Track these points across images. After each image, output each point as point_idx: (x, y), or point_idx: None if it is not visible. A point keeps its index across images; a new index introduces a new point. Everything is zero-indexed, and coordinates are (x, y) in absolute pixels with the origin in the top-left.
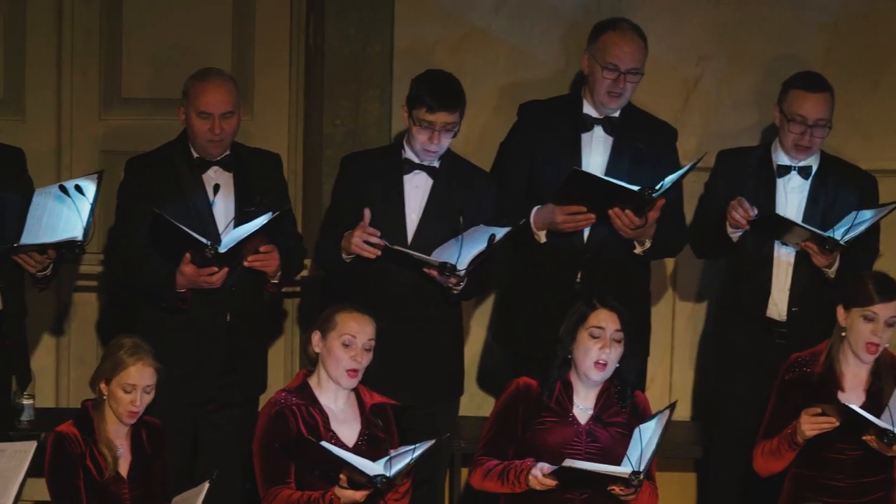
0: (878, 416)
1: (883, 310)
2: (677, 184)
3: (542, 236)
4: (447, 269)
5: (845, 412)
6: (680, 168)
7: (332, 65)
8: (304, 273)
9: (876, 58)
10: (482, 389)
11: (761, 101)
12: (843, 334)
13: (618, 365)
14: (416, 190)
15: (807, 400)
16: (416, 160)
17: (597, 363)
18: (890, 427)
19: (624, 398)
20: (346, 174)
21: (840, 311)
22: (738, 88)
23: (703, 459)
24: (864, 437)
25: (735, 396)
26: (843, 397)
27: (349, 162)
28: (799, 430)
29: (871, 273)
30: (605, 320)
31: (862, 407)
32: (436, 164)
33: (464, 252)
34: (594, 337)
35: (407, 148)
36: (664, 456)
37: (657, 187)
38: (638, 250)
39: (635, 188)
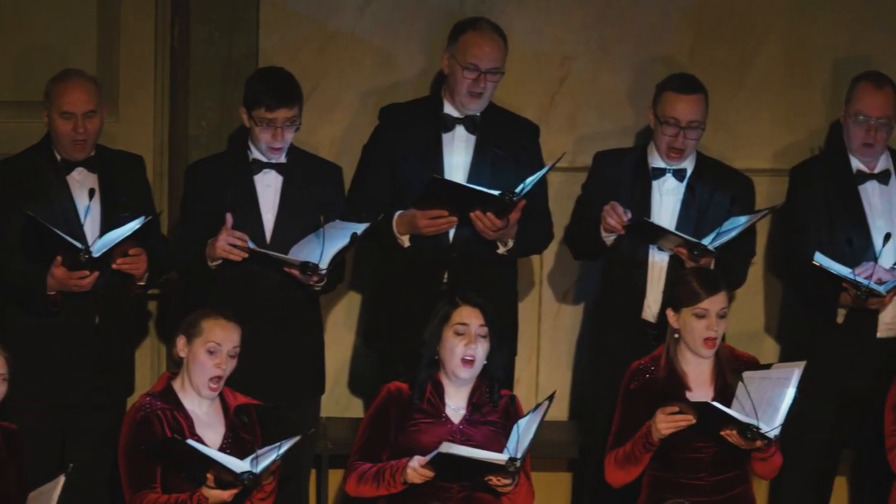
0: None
1: (712, 304)
2: (540, 182)
3: (405, 241)
4: (309, 268)
5: (703, 409)
6: (542, 166)
7: (196, 67)
8: (169, 275)
9: (740, 57)
10: (350, 391)
11: (631, 101)
12: (677, 336)
13: (486, 362)
14: (268, 189)
15: (654, 405)
16: (264, 159)
17: (463, 360)
18: (753, 421)
19: (493, 395)
20: (195, 183)
21: (670, 313)
22: (604, 88)
23: (578, 459)
24: (722, 433)
25: (610, 397)
26: (691, 396)
27: (196, 170)
28: (654, 430)
29: (692, 270)
30: (469, 316)
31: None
32: (283, 160)
33: (326, 250)
34: (459, 334)
35: (253, 148)
36: (540, 456)
37: (517, 190)
38: (501, 250)
39: (496, 193)
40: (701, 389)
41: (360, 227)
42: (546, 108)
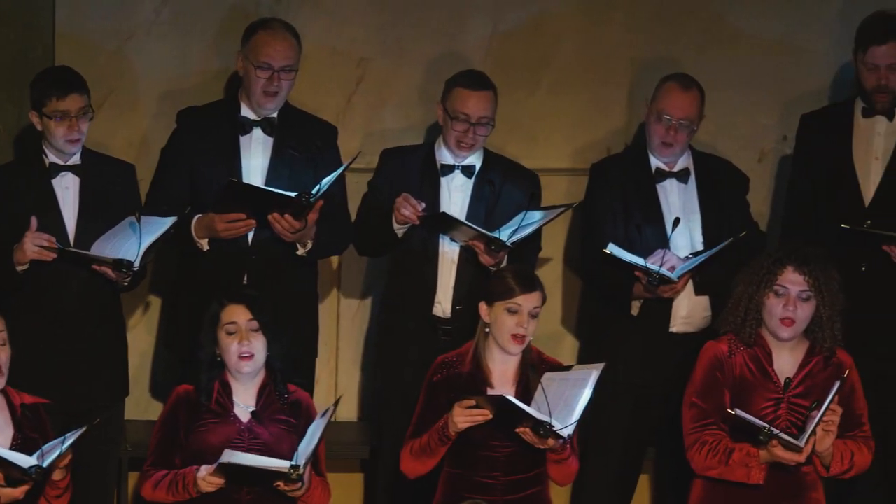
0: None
1: (526, 301)
2: (339, 182)
3: (204, 244)
4: (123, 265)
5: (499, 403)
6: (340, 166)
7: None
8: None
9: (537, 58)
10: (151, 394)
11: (426, 101)
12: (487, 330)
13: (268, 353)
14: (67, 191)
15: (455, 400)
16: (61, 161)
17: (240, 357)
18: (547, 419)
19: (278, 386)
20: None
21: (483, 307)
22: (401, 88)
23: (369, 460)
24: (517, 430)
25: (401, 395)
26: (492, 393)
27: None
28: (451, 423)
29: (510, 266)
30: (237, 314)
31: None
32: (78, 161)
33: (142, 246)
34: (230, 333)
35: (48, 152)
36: (332, 457)
37: (314, 191)
38: (300, 252)
39: (292, 195)
40: (503, 388)
41: (167, 222)
42: (343, 109)
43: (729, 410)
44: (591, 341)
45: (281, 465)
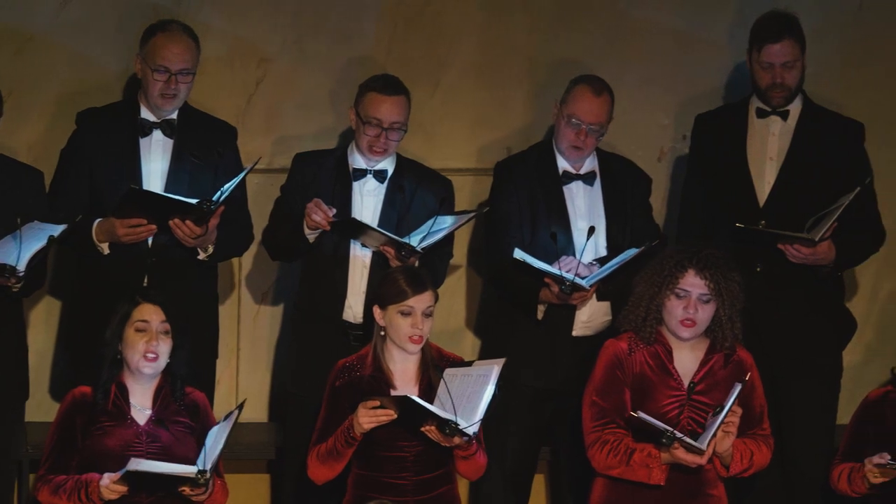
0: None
1: (418, 302)
2: (239, 185)
3: (105, 248)
4: (6, 270)
5: (403, 403)
6: (241, 168)
7: None
8: None
9: (435, 58)
10: (51, 396)
11: (331, 102)
12: (383, 333)
13: (169, 359)
14: None
15: (359, 403)
16: None
17: (146, 356)
18: (452, 417)
19: (176, 392)
20: None
21: (376, 310)
22: (302, 89)
23: (276, 461)
24: (422, 429)
25: (309, 398)
26: (395, 394)
27: None
28: (356, 424)
29: (399, 268)
30: (150, 314)
31: None
32: None
33: (23, 251)
34: (140, 331)
35: None
36: (239, 458)
37: (215, 198)
38: (202, 256)
39: (193, 201)
40: (406, 388)
41: (57, 230)
42: (243, 110)
43: (632, 413)
44: (493, 342)
45: (188, 470)
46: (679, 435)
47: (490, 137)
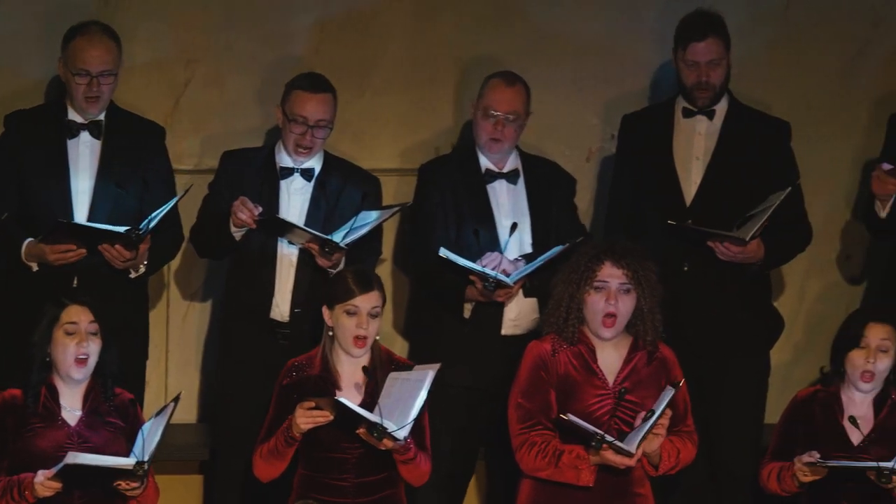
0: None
1: (363, 302)
2: (169, 190)
3: (34, 266)
4: None
5: (337, 406)
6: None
7: None
8: None
9: (363, 59)
10: None
11: (259, 102)
12: (331, 333)
13: (98, 359)
14: None
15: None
16: None
17: (77, 360)
18: (379, 420)
19: (107, 393)
20: None
21: (325, 310)
22: (231, 89)
23: (208, 461)
24: (357, 432)
25: (238, 398)
26: (341, 396)
27: None
28: (294, 424)
29: (348, 268)
30: (77, 314)
31: (361, 404)
32: None
33: None
34: (69, 333)
35: None
36: (170, 459)
37: (142, 226)
38: (133, 275)
39: (122, 230)
40: (352, 389)
41: None
42: (171, 111)
43: (561, 416)
44: (422, 343)
45: (126, 462)
46: (609, 438)
47: (418, 138)
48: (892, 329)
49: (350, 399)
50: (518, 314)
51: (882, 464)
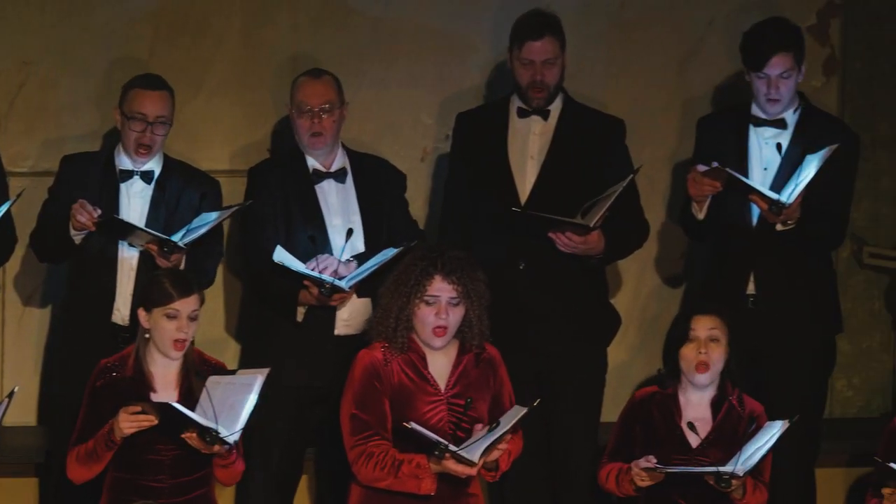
0: (193, 410)
1: (183, 305)
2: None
3: None
4: None
5: (165, 409)
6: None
7: None
8: None
9: (199, 60)
10: None
11: (96, 104)
12: (147, 336)
13: None
14: None
15: (119, 404)
16: None
17: None
18: (213, 425)
19: None
20: None
21: (141, 313)
22: (67, 92)
23: (44, 464)
24: (182, 436)
25: (77, 401)
26: (155, 398)
27: None
28: (116, 428)
29: (165, 272)
30: None
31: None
32: None
33: None
34: None
35: None
36: (6, 461)
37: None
38: None
39: None
40: (166, 391)
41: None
42: (5, 114)
43: (405, 425)
44: (255, 345)
45: None
46: (453, 448)
47: (249, 139)
48: (719, 319)
49: (164, 401)
50: (351, 314)
51: (721, 468)
